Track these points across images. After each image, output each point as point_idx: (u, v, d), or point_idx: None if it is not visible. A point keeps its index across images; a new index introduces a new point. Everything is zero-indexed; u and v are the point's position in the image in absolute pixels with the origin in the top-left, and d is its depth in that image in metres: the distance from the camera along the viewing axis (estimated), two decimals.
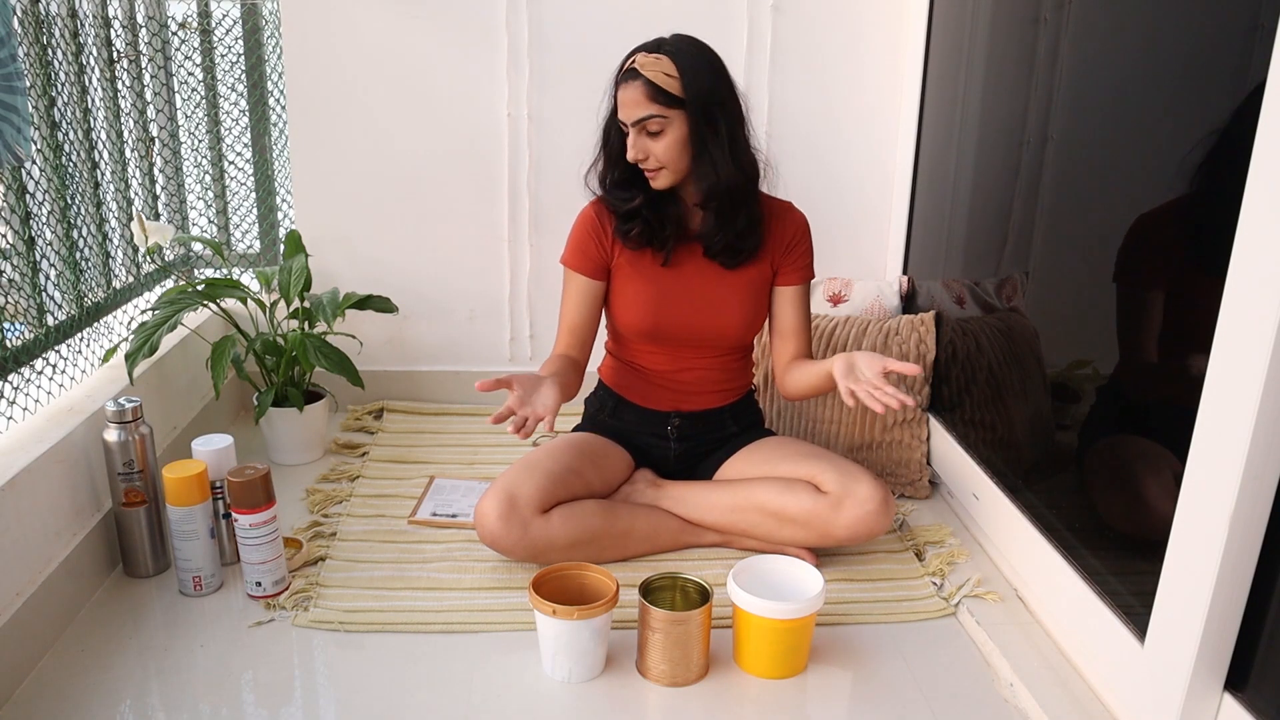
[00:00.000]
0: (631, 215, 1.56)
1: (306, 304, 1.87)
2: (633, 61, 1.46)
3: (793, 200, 1.65)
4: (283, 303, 1.88)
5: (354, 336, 1.91)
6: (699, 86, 1.45)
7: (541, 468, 1.54)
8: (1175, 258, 1.20)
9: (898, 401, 1.34)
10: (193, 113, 2.08)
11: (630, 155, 1.48)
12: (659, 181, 1.51)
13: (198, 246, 2.16)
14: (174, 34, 2.02)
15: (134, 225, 1.75)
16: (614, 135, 1.54)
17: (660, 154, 1.47)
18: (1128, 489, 1.29)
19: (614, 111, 1.51)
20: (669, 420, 1.69)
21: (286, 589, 1.46)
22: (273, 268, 1.95)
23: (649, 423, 1.70)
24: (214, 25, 2.06)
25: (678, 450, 1.71)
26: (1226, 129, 1.06)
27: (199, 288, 1.77)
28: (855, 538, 1.51)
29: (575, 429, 1.76)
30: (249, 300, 1.82)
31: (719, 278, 1.59)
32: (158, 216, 1.99)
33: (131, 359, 1.58)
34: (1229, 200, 0.97)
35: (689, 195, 1.57)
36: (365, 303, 1.91)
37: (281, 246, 2.08)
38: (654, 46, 1.47)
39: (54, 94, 1.54)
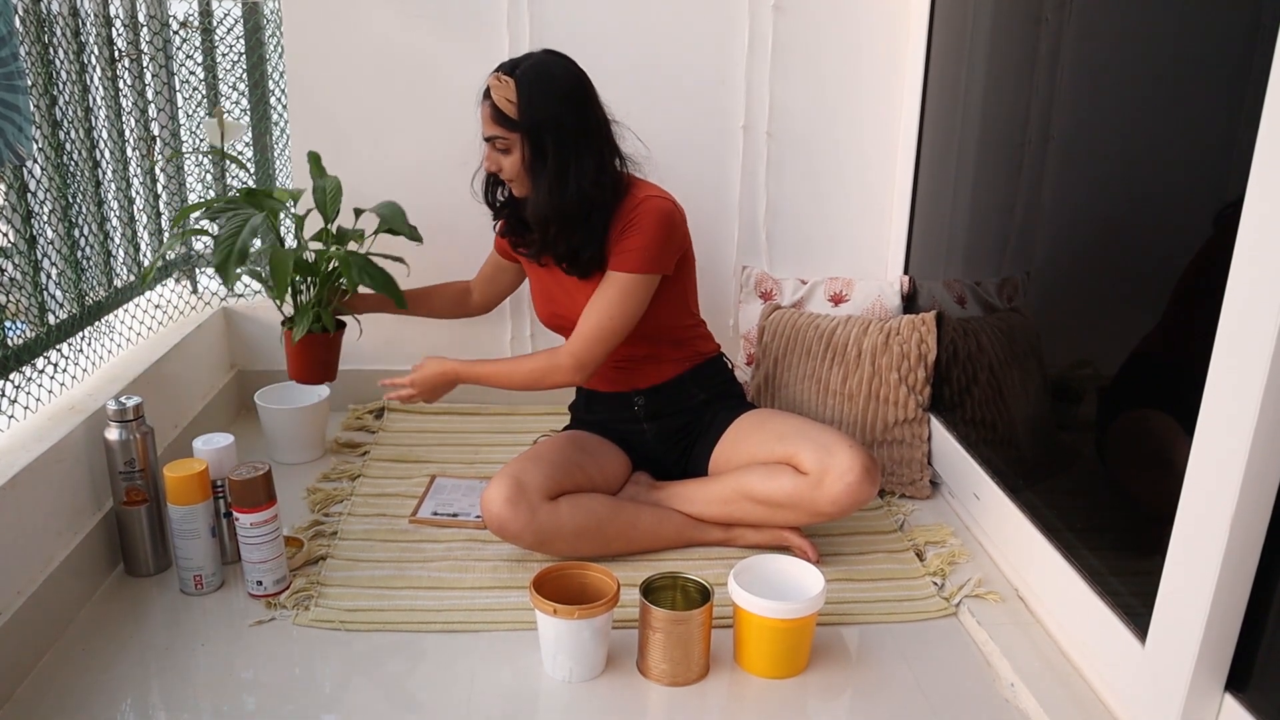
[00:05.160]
0: (498, 214, 1.70)
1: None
2: (489, 79, 1.53)
3: (793, 200, 1.65)
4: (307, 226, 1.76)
5: (401, 260, 1.81)
6: (534, 115, 1.49)
7: (547, 458, 1.57)
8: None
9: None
10: (194, 112, 2.08)
11: (485, 166, 1.59)
12: (516, 191, 1.60)
13: (199, 246, 2.16)
14: (175, 33, 2.02)
15: (212, 121, 1.67)
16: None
17: (509, 170, 1.56)
18: (1153, 460, 1.26)
19: None
20: (633, 401, 1.71)
21: (287, 588, 1.46)
22: (292, 189, 1.81)
23: (617, 407, 1.72)
24: (215, 24, 2.06)
25: (652, 431, 1.72)
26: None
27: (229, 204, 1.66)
28: (843, 510, 1.51)
29: (565, 429, 1.78)
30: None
31: (576, 284, 1.63)
32: (159, 215, 1.99)
33: (225, 267, 1.51)
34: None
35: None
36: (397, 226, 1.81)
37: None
38: (509, 68, 1.52)
39: (55, 93, 1.54)
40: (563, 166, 1.51)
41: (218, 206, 1.67)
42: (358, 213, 1.77)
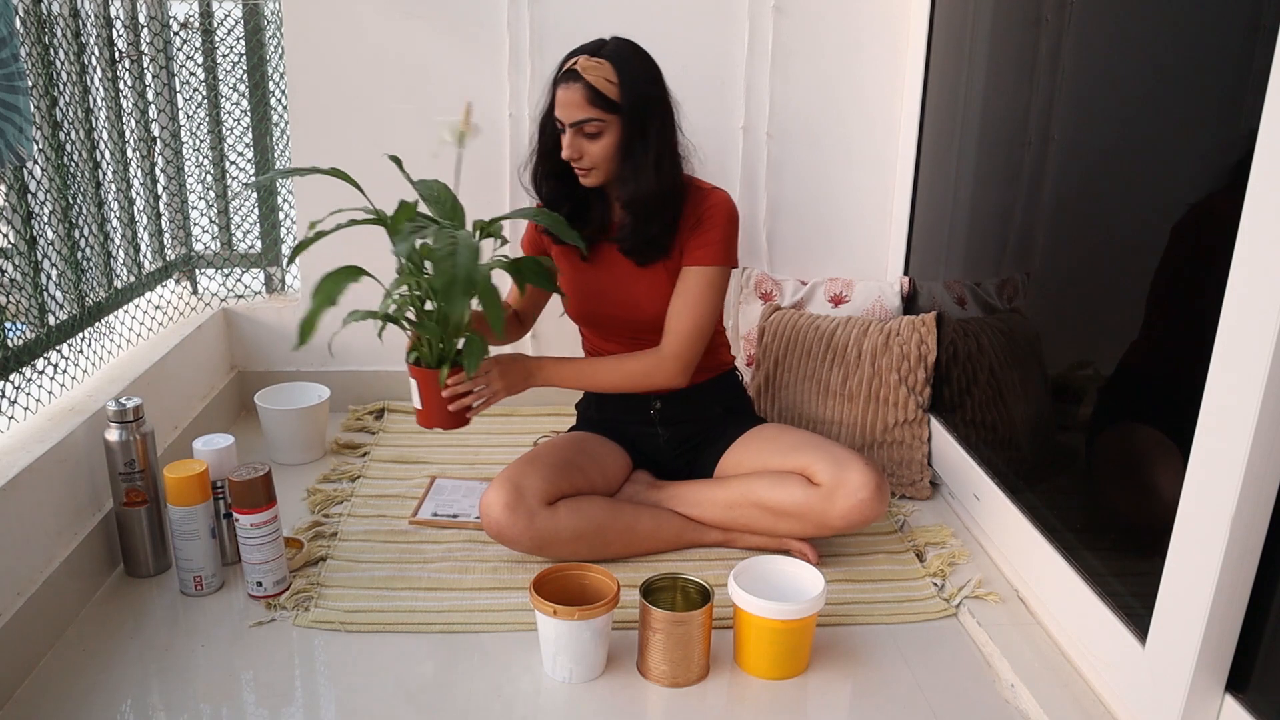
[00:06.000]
0: (555, 208, 1.60)
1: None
2: (574, 63, 1.48)
3: (793, 200, 1.65)
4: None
5: (553, 267, 1.56)
6: (636, 94, 1.48)
7: (545, 462, 1.56)
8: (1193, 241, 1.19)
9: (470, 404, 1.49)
10: (194, 113, 2.08)
11: (565, 154, 1.51)
12: (589, 180, 1.54)
13: (199, 246, 2.16)
14: (176, 34, 2.02)
15: (456, 120, 1.49)
16: (549, 132, 1.55)
17: (594, 155, 1.50)
18: (1136, 476, 1.28)
19: (550, 109, 1.53)
20: (650, 404, 1.70)
21: (287, 589, 1.46)
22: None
23: (632, 410, 1.71)
24: (216, 25, 2.06)
25: (665, 436, 1.71)
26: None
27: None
28: (851, 526, 1.51)
29: (570, 429, 1.77)
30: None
31: (631, 273, 1.60)
32: (159, 216, 1.99)
33: (453, 297, 1.26)
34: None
35: (614, 194, 1.60)
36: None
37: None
38: (595, 49, 1.49)
39: (56, 94, 1.54)
40: (661, 148, 1.51)
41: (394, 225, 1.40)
42: (486, 225, 1.46)
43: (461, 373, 1.43)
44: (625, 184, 1.52)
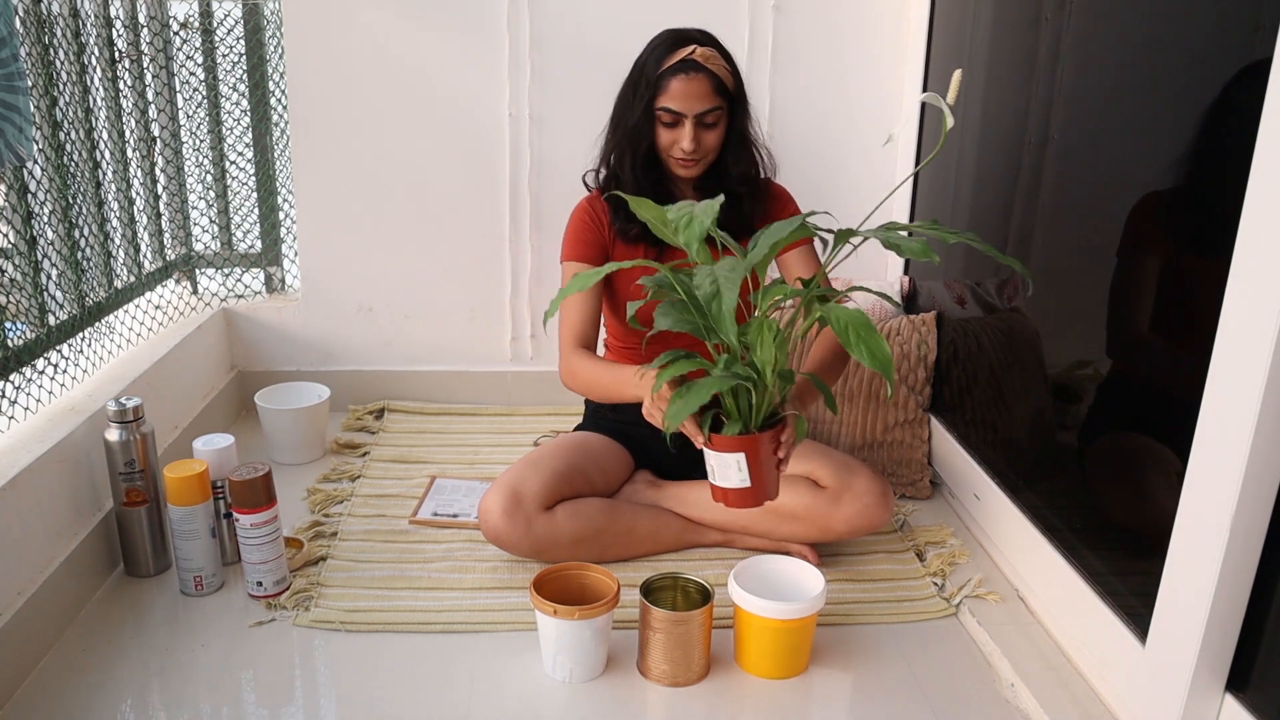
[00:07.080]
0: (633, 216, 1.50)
1: None
2: (691, 53, 1.48)
3: (795, 200, 1.66)
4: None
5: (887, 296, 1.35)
6: (739, 80, 1.53)
7: (545, 465, 1.55)
8: (1178, 239, 1.20)
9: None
10: (194, 112, 2.08)
11: (687, 146, 1.48)
12: (693, 171, 1.55)
13: (199, 246, 2.16)
14: (176, 34, 2.02)
15: (951, 88, 1.24)
16: (643, 125, 1.51)
17: (708, 145, 1.52)
18: (1128, 483, 1.29)
19: (650, 101, 1.49)
20: None
21: (287, 589, 1.46)
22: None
23: None
24: (216, 25, 2.06)
25: (678, 443, 1.70)
26: (1226, 123, 1.06)
27: None
28: (854, 531, 1.51)
29: (577, 428, 1.77)
30: None
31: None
32: (159, 216, 1.99)
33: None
34: (1230, 191, 0.97)
35: (687, 188, 1.60)
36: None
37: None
38: (703, 39, 1.50)
39: (56, 94, 1.54)
40: (754, 132, 1.57)
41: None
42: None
43: (791, 425, 1.24)
44: (733, 168, 1.55)
